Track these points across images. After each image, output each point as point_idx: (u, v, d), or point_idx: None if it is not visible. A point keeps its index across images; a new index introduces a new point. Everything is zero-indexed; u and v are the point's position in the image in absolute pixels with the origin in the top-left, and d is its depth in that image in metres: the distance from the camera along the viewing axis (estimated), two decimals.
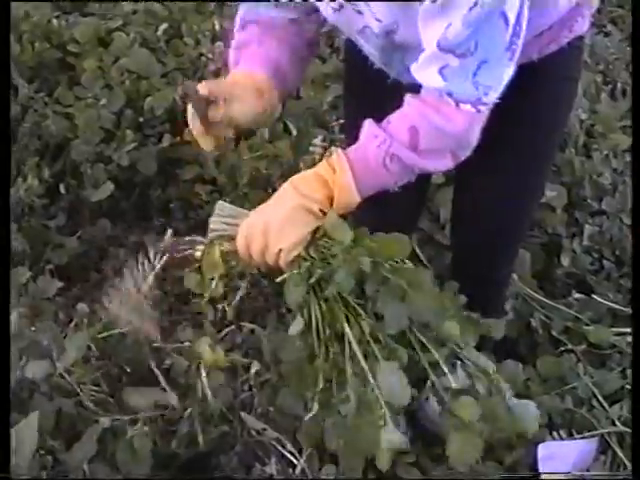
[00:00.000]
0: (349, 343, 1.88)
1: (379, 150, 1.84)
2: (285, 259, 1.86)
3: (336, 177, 1.84)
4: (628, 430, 2.40)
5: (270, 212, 1.86)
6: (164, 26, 3.79)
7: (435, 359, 1.89)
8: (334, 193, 1.84)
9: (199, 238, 2.02)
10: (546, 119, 1.97)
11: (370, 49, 2.07)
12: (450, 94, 1.79)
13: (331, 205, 1.87)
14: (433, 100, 1.81)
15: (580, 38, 2.12)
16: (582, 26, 2.10)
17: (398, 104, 1.96)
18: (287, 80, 2.12)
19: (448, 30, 1.72)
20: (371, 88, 2.22)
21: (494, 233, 2.46)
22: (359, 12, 1.91)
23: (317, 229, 1.88)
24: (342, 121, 3.06)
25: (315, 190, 1.85)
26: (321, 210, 1.86)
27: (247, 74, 2.04)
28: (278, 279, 1.91)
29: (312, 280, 1.87)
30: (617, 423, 2.42)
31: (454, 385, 1.88)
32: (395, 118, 1.87)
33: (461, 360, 1.93)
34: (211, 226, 1.94)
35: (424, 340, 1.90)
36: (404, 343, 1.90)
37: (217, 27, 3.77)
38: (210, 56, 3.59)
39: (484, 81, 1.76)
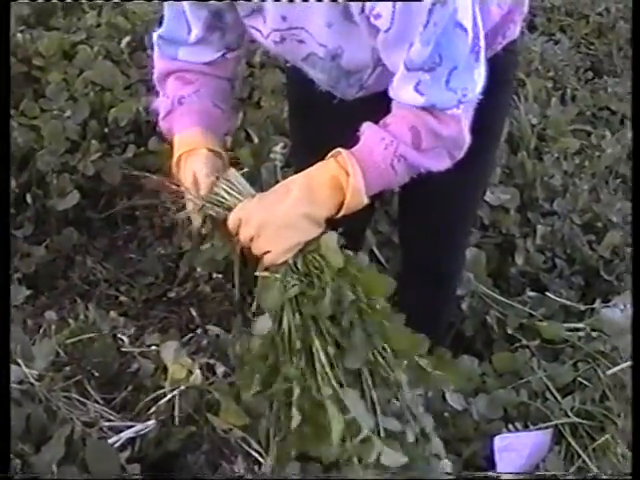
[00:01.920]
0: (321, 364, 1.87)
1: (387, 152, 1.83)
2: (271, 261, 1.85)
3: (350, 181, 1.81)
4: (581, 421, 2.44)
5: (275, 209, 1.83)
6: (127, 39, 3.79)
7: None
8: (346, 197, 1.82)
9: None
10: (486, 122, 2.00)
11: (317, 74, 2.07)
12: (433, 106, 1.80)
13: (339, 209, 1.84)
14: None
15: (513, 42, 2.17)
16: (514, 31, 2.16)
17: (345, 121, 1.96)
18: (216, 121, 2.12)
19: (410, 52, 1.75)
20: (317, 109, 2.25)
21: (439, 228, 2.47)
22: (301, 41, 1.93)
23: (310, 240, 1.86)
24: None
25: (329, 197, 1.83)
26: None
27: (188, 139, 2.06)
28: (258, 273, 1.90)
29: (293, 292, 1.86)
30: (570, 414, 2.45)
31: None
32: (393, 120, 1.87)
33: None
34: (215, 189, 1.91)
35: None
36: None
37: None
38: None
39: (458, 85, 1.79)
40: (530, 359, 2.62)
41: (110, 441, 2.12)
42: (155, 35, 2.10)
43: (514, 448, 2.36)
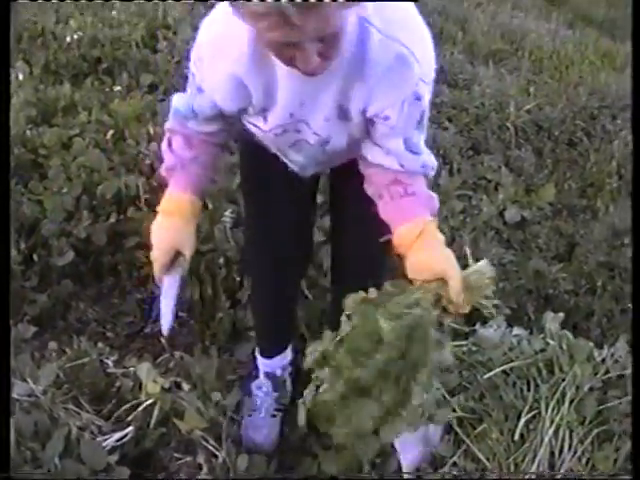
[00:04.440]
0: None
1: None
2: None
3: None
4: (465, 415, 2.49)
5: None
6: (111, 132, 3.85)
7: None
8: None
9: None
10: None
11: (296, 156, 2.10)
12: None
13: None
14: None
15: None
16: None
17: (294, 188, 2.17)
18: (205, 183, 2.15)
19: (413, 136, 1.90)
20: (272, 179, 2.29)
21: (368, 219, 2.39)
22: (297, 131, 1.96)
23: None
24: None
25: None
26: None
27: (177, 201, 2.08)
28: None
29: None
30: (457, 410, 2.50)
31: None
32: (419, 191, 1.96)
33: None
34: None
35: None
36: None
37: (152, 131, 3.84)
38: (146, 153, 3.66)
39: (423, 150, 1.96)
40: None
41: (98, 440, 2.17)
42: (174, 101, 2.06)
43: (412, 440, 2.42)
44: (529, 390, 2.56)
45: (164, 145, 2.13)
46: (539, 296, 3.57)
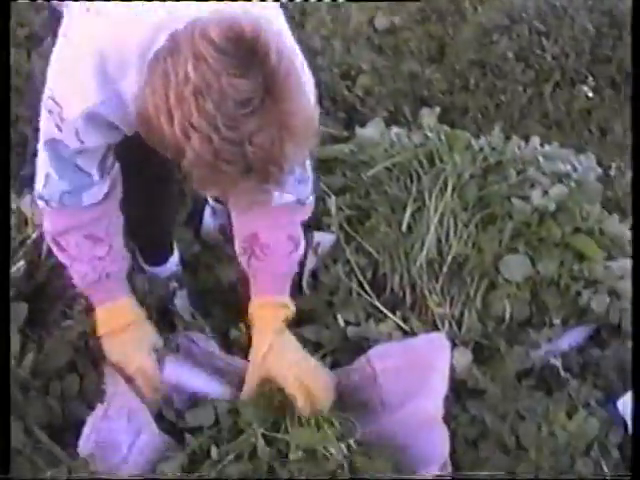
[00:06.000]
0: None
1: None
2: None
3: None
4: (354, 213, 2.56)
5: None
6: None
7: None
8: None
9: None
10: None
11: None
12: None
13: None
14: None
15: None
16: None
17: None
18: (128, 268, 2.01)
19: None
20: None
21: None
22: None
23: None
24: None
25: None
26: None
27: (122, 312, 1.96)
28: None
29: None
30: (344, 209, 2.57)
31: None
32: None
33: None
34: None
35: None
36: None
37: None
38: None
39: None
40: None
41: None
42: (51, 194, 1.81)
43: None
44: (412, 182, 2.62)
45: (57, 253, 1.93)
46: (415, 97, 3.60)
